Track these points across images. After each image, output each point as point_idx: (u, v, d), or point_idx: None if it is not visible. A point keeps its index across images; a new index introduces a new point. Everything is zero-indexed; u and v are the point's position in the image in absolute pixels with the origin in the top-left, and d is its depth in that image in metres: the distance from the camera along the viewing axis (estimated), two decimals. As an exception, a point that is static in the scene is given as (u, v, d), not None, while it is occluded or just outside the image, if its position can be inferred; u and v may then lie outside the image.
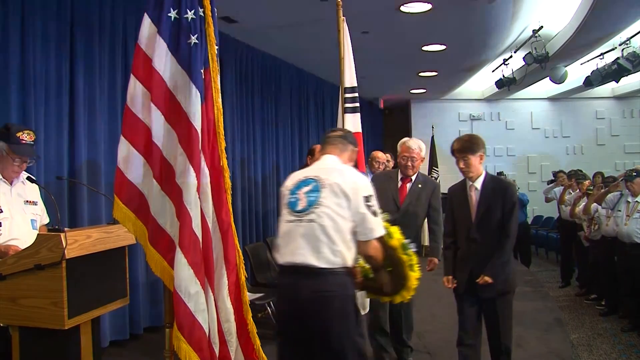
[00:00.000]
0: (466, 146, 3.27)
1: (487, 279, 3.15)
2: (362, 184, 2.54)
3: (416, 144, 3.85)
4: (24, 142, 2.76)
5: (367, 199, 2.52)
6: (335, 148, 2.72)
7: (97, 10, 4.40)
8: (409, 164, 3.82)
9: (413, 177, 3.87)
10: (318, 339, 2.41)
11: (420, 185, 3.87)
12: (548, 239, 9.66)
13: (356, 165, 3.01)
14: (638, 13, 5.98)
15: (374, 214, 2.54)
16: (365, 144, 3.89)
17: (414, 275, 2.94)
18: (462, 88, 11.36)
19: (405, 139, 3.96)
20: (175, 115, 2.16)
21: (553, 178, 8.58)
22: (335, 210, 2.45)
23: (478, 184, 3.27)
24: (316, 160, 2.79)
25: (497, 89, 9.50)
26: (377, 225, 2.54)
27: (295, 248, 2.42)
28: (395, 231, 3.01)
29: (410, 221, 3.73)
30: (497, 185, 3.28)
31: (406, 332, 4.00)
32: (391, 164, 5.99)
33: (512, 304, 3.31)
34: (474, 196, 3.28)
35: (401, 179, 3.88)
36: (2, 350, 2.42)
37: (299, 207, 2.49)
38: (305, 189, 2.53)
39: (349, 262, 2.50)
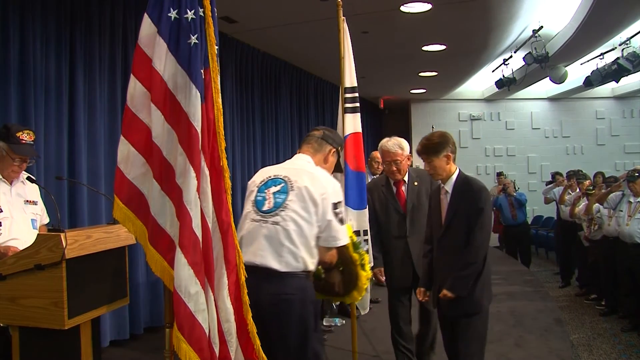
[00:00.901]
0: (427, 147, 2.91)
1: (445, 292, 2.80)
2: (332, 191, 2.50)
3: (395, 145, 3.46)
4: (23, 141, 2.76)
5: (335, 205, 2.49)
6: (310, 148, 2.68)
7: (97, 11, 4.40)
8: (394, 168, 3.46)
9: (405, 177, 3.52)
10: (277, 342, 2.40)
11: (416, 183, 3.50)
12: (548, 239, 9.68)
13: (338, 167, 2.92)
14: (638, 13, 5.98)
15: (341, 221, 2.52)
16: (365, 144, 3.85)
17: (365, 274, 2.93)
18: (462, 88, 11.36)
19: (382, 141, 3.57)
20: (175, 115, 2.15)
21: (551, 179, 8.64)
22: (301, 215, 2.42)
23: (449, 186, 2.92)
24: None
25: (497, 89, 9.50)
26: (342, 234, 2.53)
27: (257, 249, 2.41)
28: (348, 228, 3.01)
29: (421, 227, 3.31)
30: (467, 188, 2.89)
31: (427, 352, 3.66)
32: None
33: (480, 327, 2.85)
34: (444, 200, 2.96)
35: (394, 183, 3.56)
36: (2, 350, 2.42)
37: (265, 207, 2.47)
38: (274, 189, 2.50)
39: (311, 266, 2.49)
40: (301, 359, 2.41)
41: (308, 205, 2.43)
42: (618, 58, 7.14)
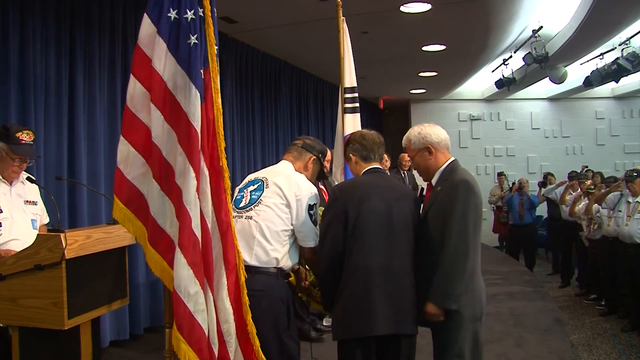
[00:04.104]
0: None
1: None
2: (307, 193, 2.60)
3: (405, 138, 2.77)
4: (23, 142, 2.76)
5: (310, 207, 2.59)
6: (290, 155, 2.84)
7: (97, 11, 4.40)
8: (413, 165, 2.81)
9: (434, 179, 2.65)
10: None
11: (439, 188, 2.58)
12: (548, 239, 9.67)
13: (321, 175, 2.95)
14: (638, 13, 5.98)
15: (315, 223, 2.61)
16: (365, 144, 3.84)
17: None
18: (462, 88, 11.35)
19: None
20: (175, 115, 2.15)
21: (543, 180, 8.78)
22: (274, 211, 2.54)
23: None
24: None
25: (497, 89, 9.49)
26: (313, 235, 2.61)
27: None
28: None
29: (431, 240, 2.51)
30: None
31: None
32: (388, 163, 6.07)
33: None
34: None
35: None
36: (2, 350, 2.42)
37: (242, 204, 2.62)
38: (251, 188, 2.67)
39: (283, 263, 2.56)
40: (269, 355, 2.41)
41: (282, 201, 2.56)
42: (618, 58, 7.14)
